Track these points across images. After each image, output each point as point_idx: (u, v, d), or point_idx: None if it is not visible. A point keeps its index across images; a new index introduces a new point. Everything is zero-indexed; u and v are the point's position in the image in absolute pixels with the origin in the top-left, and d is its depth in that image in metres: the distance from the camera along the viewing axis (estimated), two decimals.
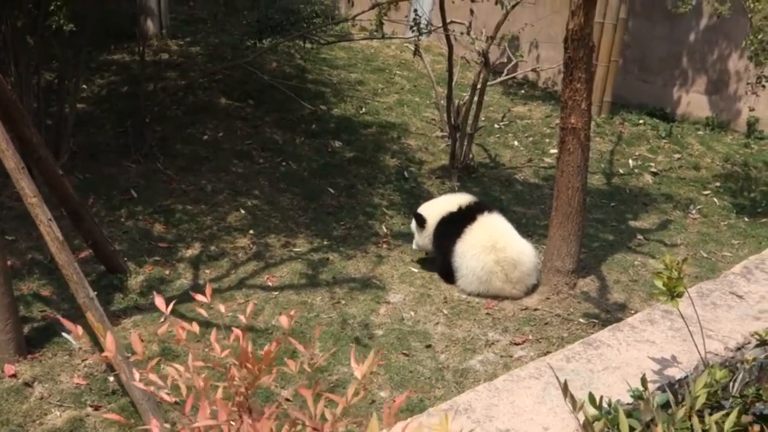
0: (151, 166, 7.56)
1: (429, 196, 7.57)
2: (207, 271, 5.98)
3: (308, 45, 8.92)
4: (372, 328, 5.40)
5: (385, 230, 6.91)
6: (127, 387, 4.32)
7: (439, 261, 6.14)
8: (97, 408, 4.46)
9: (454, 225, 6.04)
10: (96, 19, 7.33)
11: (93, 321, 4.28)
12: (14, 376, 4.63)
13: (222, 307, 2.62)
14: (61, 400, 4.49)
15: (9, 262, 4.98)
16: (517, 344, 5.28)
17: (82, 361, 4.84)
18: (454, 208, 6.16)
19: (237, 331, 2.21)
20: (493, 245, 5.88)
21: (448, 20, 7.77)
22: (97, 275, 5.64)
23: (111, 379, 4.67)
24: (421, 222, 6.18)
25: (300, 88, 9.16)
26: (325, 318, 5.46)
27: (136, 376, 2.18)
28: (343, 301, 5.73)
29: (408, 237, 6.58)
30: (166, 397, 2.06)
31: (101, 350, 4.74)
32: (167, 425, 4.26)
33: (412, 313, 5.65)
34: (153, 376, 2.14)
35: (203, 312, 2.93)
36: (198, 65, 9.89)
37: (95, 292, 4.43)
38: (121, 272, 5.74)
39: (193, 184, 7.33)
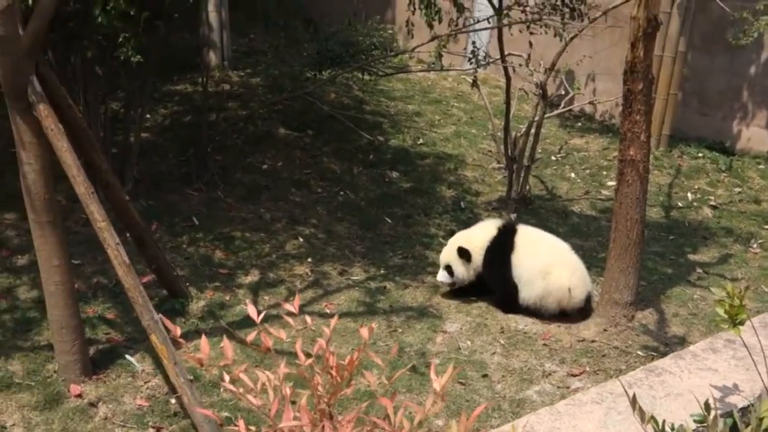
0: (212, 194, 7.72)
1: None
2: (266, 298, 6.08)
3: (366, 77, 9.06)
4: (428, 356, 5.43)
5: None
6: (189, 409, 4.40)
7: (498, 285, 6.18)
8: (158, 429, 4.56)
9: (501, 245, 6.14)
10: (161, 51, 7.55)
11: (157, 343, 4.39)
12: (80, 396, 4.76)
13: (309, 319, 2.71)
14: (125, 421, 4.60)
15: (75, 285, 5.12)
16: (574, 375, 5.27)
17: (145, 383, 4.95)
18: (494, 232, 6.23)
19: (321, 342, 2.30)
20: (548, 248, 6.12)
21: (506, 52, 7.85)
22: (160, 299, 5.77)
23: (173, 401, 4.77)
24: (467, 255, 6.21)
25: (358, 119, 9.29)
26: (382, 345, 5.51)
27: (226, 378, 2.27)
28: (400, 330, 5.78)
29: None
30: (254, 401, 2.14)
31: (163, 373, 4.87)
32: None
33: (469, 343, 5.67)
34: (244, 376, 2.24)
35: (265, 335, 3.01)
36: (258, 96, 10.09)
37: (159, 315, 4.55)
38: (183, 297, 5.87)
39: (253, 213, 7.47)
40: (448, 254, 6.28)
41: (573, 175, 9.18)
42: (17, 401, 4.66)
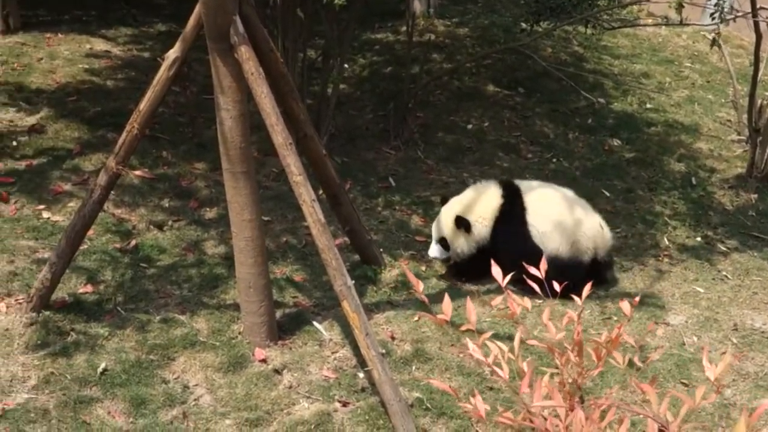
0: (410, 153, 7.77)
1: (720, 208, 7.28)
2: None
3: (589, 30, 8.80)
4: (647, 350, 5.25)
5: (666, 242, 6.72)
6: (378, 386, 4.44)
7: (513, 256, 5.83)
8: (345, 404, 4.65)
9: (512, 210, 5.90)
10: None
11: (349, 310, 4.45)
12: (264, 361, 4.91)
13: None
14: (309, 392, 4.71)
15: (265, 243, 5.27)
16: None
17: (332, 353, 5.06)
18: (498, 198, 5.95)
19: (571, 314, 2.26)
20: (558, 194, 6.01)
21: (757, 5, 7.39)
22: (351, 265, 5.85)
23: (361, 375, 4.84)
24: (467, 226, 5.88)
25: (576, 78, 9.06)
26: (593, 334, 5.37)
27: (470, 344, 2.28)
28: (615, 318, 5.62)
29: (695, 252, 6.37)
30: (501, 373, 2.11)
31: (352, 343, 4.95)
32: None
33: (695, 339, 5.46)
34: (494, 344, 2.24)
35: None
36: (465, 48, 10.04)
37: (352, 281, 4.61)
38: (376, 264, 5.93)
39: (455, 176, 7.46)
40: (442, 225, 5.99)
41: None
42: (201, 361, 4.87)
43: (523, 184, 6.08)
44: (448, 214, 5.97)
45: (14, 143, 7.00)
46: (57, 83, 8.17)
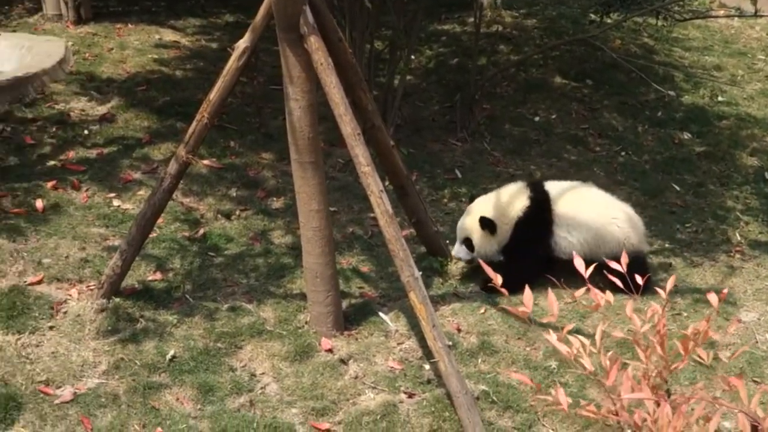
0: (477, 145, 7.73)
1: None
2: None
3: (660, 22, 8.68)
4: (717, 347, 5.16)
5: (738, 238, 6.60)
6: (444, 378, 4.43)
7: (526, 257, 5.74)
8: (410, 395, 4.64)
9: (538, 214, 5.74)
10: None
11: (416, 302, 4.44)
12: (330, 351, 4.93)
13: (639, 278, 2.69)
14: (375, 383, 4.72)
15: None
16: None
17: (398, 344, 5.06)
18: (525, 201, 5.75)
19: (655, 306, 2.24)
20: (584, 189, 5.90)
21: None
22: (417, 256, 5.83)
23: (427, 367, 4.83)
24: (492, 227, 5.72)
25: (646, 70, 8.93)
26: (648, 331, 5.30)
27: (552, 336, 2.27)
28: (685, 313, 5.54)
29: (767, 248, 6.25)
30: (587, 365, 2.09)
31: (418, 335, 4.95)
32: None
33: None
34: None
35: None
36: (533, 39, 9.96)
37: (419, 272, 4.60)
38: (442, 255, 5.92)
39: (521, 169, 7.41)
40: (468, 226, 5.80)
41: None
42: (268, 350, 4.91)
43: (552, 186, 5.91)
44: (472, 214, 5.82)
45: (86, 132, 7.11)
46: (127, 73, 8.28)
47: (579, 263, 2.53)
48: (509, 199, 5.79)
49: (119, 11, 9.95)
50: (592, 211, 5.72)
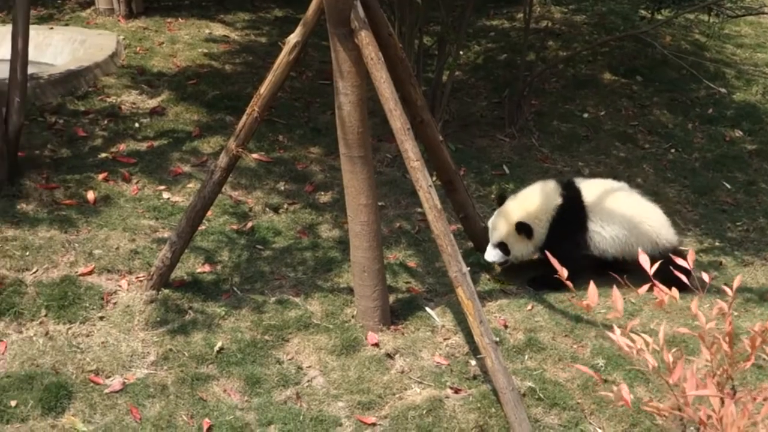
0: (525, 141, 7.70)
1: None
2: None
3: (712, 18, 8.58)
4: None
5: None
6: (491, 374, 4.41)
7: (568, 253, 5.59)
8: (456, 391, 4.64)
9: (571, 213, 5.66)
10: None
11: (463, 297, 4.43)
12: (377, 345, 4.94)
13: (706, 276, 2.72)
14: (421, 377, 4.72)
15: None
16: None
17: (444, 339, 5.05)
18: (557, 200, 5.66)
19: (721, 304, 2.23)
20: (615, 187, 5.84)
21: None
22: (464, 252, 5.81)
23: (473, 362, 4.82)
24: (529, 231, 5.61)
25: (697, 67, 8.83)
26: (714, 329, 5.24)
27: (616, 332, 2.27)
28: (735, 313, 5.46)
29: None
30: (651, 360, 2.09)
31: (464, 330, 4.94)
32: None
33: None
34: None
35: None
36: (582, 35, 9.89)
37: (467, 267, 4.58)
38: None
39: (570, 165, 7.37)
40: (502, 230, 5.66)
41: None
42: (314, 343, 4.93)
43: (584, 183, 5.84)
44: (506, 217, 5.69)
45: (136, 125, 7.18)
46: (177, 67, 8.35)
47: (644, 260, 2.52)
48: (542, 199, 5.70)
49: (170, 6, 10.05)
50: (624, 207, 5.68)
